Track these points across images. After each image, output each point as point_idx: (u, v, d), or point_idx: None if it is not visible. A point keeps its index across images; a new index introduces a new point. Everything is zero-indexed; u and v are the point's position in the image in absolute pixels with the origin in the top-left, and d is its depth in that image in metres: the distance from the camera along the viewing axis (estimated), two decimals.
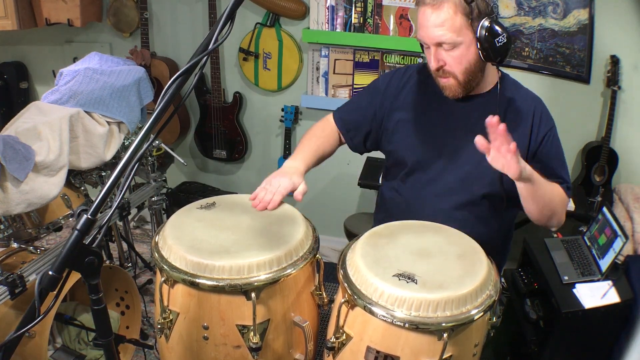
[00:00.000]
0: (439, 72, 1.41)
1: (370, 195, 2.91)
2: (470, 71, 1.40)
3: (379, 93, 1.62)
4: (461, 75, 1.40)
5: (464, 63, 1.38)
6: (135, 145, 0.96)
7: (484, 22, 1.31)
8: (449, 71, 1.40)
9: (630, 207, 2.19)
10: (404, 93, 1.59)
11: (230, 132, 2.96)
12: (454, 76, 1.40)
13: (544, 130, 1.47)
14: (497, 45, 1.32)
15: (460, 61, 1.37)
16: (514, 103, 1.49)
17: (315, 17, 2.63)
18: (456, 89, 1.43)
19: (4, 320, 1.64)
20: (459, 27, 1.32)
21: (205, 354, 1.29)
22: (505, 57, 1.37)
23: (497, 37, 1.31)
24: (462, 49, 1.35)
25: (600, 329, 1.81)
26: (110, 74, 1.99)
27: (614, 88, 2.34)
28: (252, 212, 1.43)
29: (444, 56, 1.38)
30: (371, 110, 1.63)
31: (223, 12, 0.97)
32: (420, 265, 1.22)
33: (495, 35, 1.31)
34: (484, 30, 1.31)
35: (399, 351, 1.14)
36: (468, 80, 1.42)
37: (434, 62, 1.39)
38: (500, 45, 1.32)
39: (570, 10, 2.35)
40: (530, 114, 1.48)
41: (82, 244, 0.91)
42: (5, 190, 1.55)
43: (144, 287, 2.56)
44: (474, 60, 1.38)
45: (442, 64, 1.39)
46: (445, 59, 1.38)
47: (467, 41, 1.34)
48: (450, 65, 1.38)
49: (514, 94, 1.51)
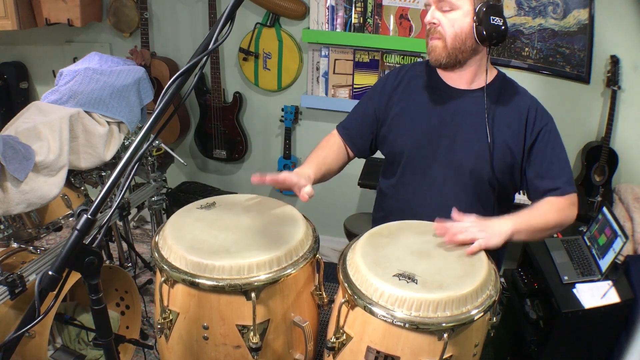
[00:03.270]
0: (430, 29, 1.46)
1: (370, 195, 2.91)
2: (460, 39, 1.44)
3: (377, 95, 1.65)
4: (450, 39, 1.44)
5: (455, 27, 1.42)
6: (135, 145, 0.96)
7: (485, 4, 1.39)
8: (440, 32, 1.44)
9: (630, 207, 2.19)
10: (400, 89, 1.62)
11: (230, 132, 2.96)
12: (443, 38, 1.44)
13: (539, 126, 1.48)
14: (490, 22, 1.38)
15: (452, 24, 1.42)
16: (508, 100, 1.51)
17: (315, 17, 2.63)
18: (441, 52, 1.46)
19: (4, 320, 1.64)
20: None
21: (205, 354, 1.29)
22: (498, 43, 1.43)
23: (494, 18, 1.38)
24: (458, 14, 1.41)
25: (600, 329, 1.81)
26: (110, 74, 1.99)
27: (614, 88, 2.34)
28: (252, 212, 1.43)
29: (440, 16, 1.43)
30: (371, 113, 1.65)
31: (223, 12, 0.97)
32: (421, 265, 1.22)
33: (491, 14, 1.38)
34: (482, 6, 1.38)
35: (399, 351, 1.14)
36: (454, 48, 1.45)
37: (429, 16, 1.44)
38: (494, 26, 1.38)
39: (570, 10, 2.35)
40: (524, 111, 1.49)
41: (82, 244, 0.91)
42: (5, 190, 1.55)
43: (144, 287, 2.56)
44: (467, 30, 1.42)
45: (437, 22, 1.43)
46: (440, 20, 1.43)
47: (465, 9, 1.41)
48: (442, 26, 1.43)
49: (510, 91, 1.53)
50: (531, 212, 1.44)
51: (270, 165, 3.04)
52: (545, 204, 1.46)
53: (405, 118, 1.58)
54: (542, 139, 1.48)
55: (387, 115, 1.61)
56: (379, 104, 1.63)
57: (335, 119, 2.81)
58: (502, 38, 1.41)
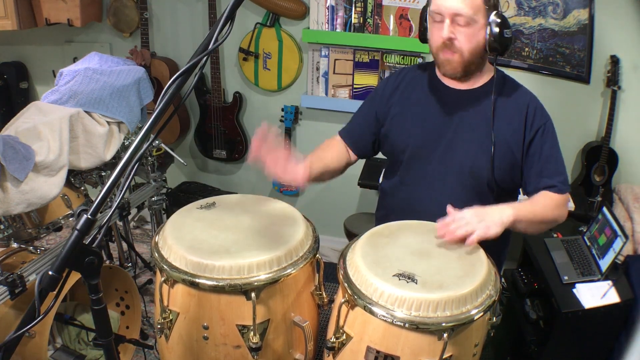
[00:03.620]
0: (447, 44, 1.43)
1: (370, 195, 2.91)
2: (475, 53, 1.44)
3: (378, 97, 1.66)
4: (467, 53, 1.43)
5: (473, 42, 1.42)
6: (135, 145, 0.96)
7: (495, 13, 1.39)
8: (458, 46, 1.43)
9: (630, 207, 2.19)
10: (400, 90, 1.62)
11: (230, 132, 2.96)
12: (461, 53, 1.43)
13: (538, 124, 1.49)
14: (504, 36, 1.39)
15: (470, 39, 1.41)
16: (508, 98, 1.52)
17: (315, 17, 2.63)
18: (457, 65, 1.46)
19: (4, 320, 1.64)
20: (477, 7, 1.38)
21: (205, 354, 1.29)
22: (505, 52, 1.44)
23: (505, 30, 1.39)
24: (474, 28, 1.40)
25: (600, 329, 1.81)
26: (110, 74, 1.99)
27: (614, 88, 2.34)
28: (252, 212, 1.43)
29: (457, 31, 1.41)
30: (372, 114, 1.66)
31: (223, 12, 0.97)
32: (420, 265, 1.22)
33: (504, 26, 1.39)
34: (497, 19, 1.39)
35: (399, 351, 1.14)
36: (470, 62, 1.45)
37: (446, 31, 1.40)
38: (506, 38, 1.40)
39: (570, 10, 2.35)
40: (524, 108, 1.50)
41: (82, 244, 0.91)
42: (5, 190, 1.55)
43: (144, 287, 2.56)
44: (481, 44, 1.43)
45: (453, 37, 1.41)
46: (458, 35, 1.41)
47: (480, 23, 1.40)
48: (460, 41, 1.42)
49: (509, 89, 1.54)
50: (532, 203, 1.45)
51: None
52: (545, 197, 1.47)
53: (405, 118, 1.59)
54: (540, 137, 1.49)
55: (387, 115, 1.62)
56: (379, 105, 1.64)
57: (335, 119, 2.82)
58: (509, 47, 1.44)
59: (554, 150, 1.50)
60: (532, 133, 1.49)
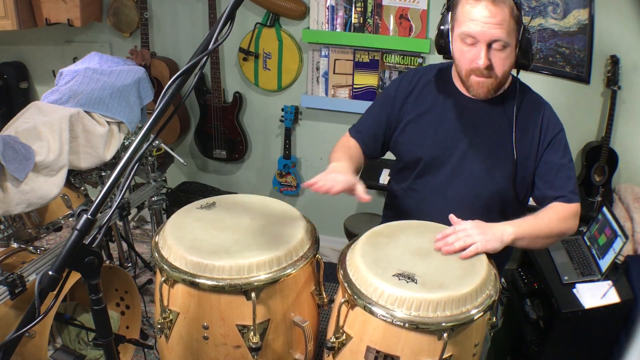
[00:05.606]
0: (483, 70, 1.38)
1: (370, 195, 2.90)
2: (507, 74, 1.43)
3: (390, 98, 1.62)
4: (501, 76, 1.41)
5: (507, 65, 1.39)
6: (135, 145, 0.96)
7: (524, 30, 1.36)
8: (495, 72, 1.39)
9: (630, 207, 2.19)
10: (414, 94, 1.59)
11: (230, 132, 2.96)
12: (495, 76, 1.40)
13: (550, 136, 1.48)
14: (532, 53, 1.38)
15: (504, 63, 1.38)
16: (524, 108, 1.50)
17: (315, 17, 2.63)
18: (490, 89, 1.43)
19: (4, 320, 1.64)
20: (512, 30, 1.34)
21: (205, 354, 1.29)
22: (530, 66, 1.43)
23: (532, 46, 1.38)
24: (508, 51, 1.37)
25: (600, 329, 1.81)
26: (110, 74, 1.99)
27: (614, 88, 2.34)
28: (252, 212, 1.43)
29: (493, 57, 1.37)
30: (384, 116, 1.62)
31: (223, 12, 0.97)
32: (420, 265, 1.22)
33: (532, 43, 1.38)
34: (526, 38, 1.36)
35: (398, 351, 1.14)
36: (502, 83, 1.44)
37: (483, 59, 1.36)
38: (532, 55, 1.39)
39: (570, 10, 2.35)
40: (539, 120, 1.48)
41: (82, 244, 0.91)
42: (5, 190, 1.55)
43: (144, 287, 2.56)
44: (512, 64, 1.41)
45: (491, 63, 1.38)
46: (493, 59, 1.37)
47: (512, 45, 1.37)
48: (496, 66, 1.38)
49: (525, 98, 1.51)
50: (535, 219, 1.40)
51: (270, 166, 3.04)
52: (551, 210, 1.44)
53: (419, 125, 1.56)
54: (552, 147, 1.47)
55: (401, 120, 1.59)
56: (392, 108, 1.60)
57: (336, 119, 2.82)
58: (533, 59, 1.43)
59: (564, 159, 1.48)
60: (544, 146, 1.47)
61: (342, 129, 2.81)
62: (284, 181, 3.02)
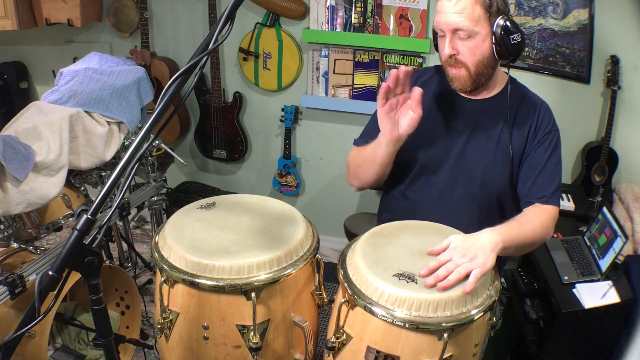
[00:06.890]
0: (451, 60, 1.40)
1: (370, 195, 2.91)
2: (483, 64, 1.40)
3: None
4: (473, 67, 1.40)
5: (477, 55, 1.38)
6: (135, 145, 0.96)
7: (500, 19, 1.34)
8: (462, 61, 1.40)
9: (630, 207, 2.19)
10: None
11: (230, 132, 2.96)
12: (466, 67, 1.40)
13: (542, 134, 1.47)
14: (511, 42, 1.35)
15: (474, 52, 1.38)
16: (520, 107, 1.49)
17: (315, 17, 2.63)
18: (466, 80, 1.43)
19: (4, 320, 1.64)
20: (477, 18, 1.34)
21: (205, 354, 1.29)
22: (517, 57, 1.39)
23: (512, 35, 1.34)
24: (477, 40, 1.36)
25: (600, 329, 1.81)
26: (110, 74, 1.99)
27: (614, 88, 2.34)
28: (252, 212, 1.43)
29: (459, 45, 1.38)
30: None
31: (223, 12, 0.97)
32: (421, 265, 1.21)
33: (510, 32, 1.34)
34: (500, 27, 1.34)
35: (399, 351, 1.14)
36: (479, 74, 1.42)
37: (448, 48, 1.38)
38: (514, 44, 1.35)
39: (570, 10, 2.35)
40: (534, 119, 1.48)
41: (82, 244, 0.91)
42: (5, 190, 1.55)
43: (144, 287, 2.56)
44: (488, 54, 1.39)
45: (456, 53, 1.39)
46: (460, 49, 1.38)
47: (483, 33, 1.36)
48: (463, 55, 1.39)
49: (521, 98, 1.51)
50: (521, 227, 1.34)
51: (270, 166, 3.04)
52: (532, 216, 1.40)
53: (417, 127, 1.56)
54: (542, 144, 1.47)
55: None
56: None
57: (336, 119, 2.82)
58: (521, 52, 1.38)
59: (552, 160, 1.46)
60: (534, 144, 1.47)
61: (342, 129, 2.85)
62: (284, 181, 3.02)
